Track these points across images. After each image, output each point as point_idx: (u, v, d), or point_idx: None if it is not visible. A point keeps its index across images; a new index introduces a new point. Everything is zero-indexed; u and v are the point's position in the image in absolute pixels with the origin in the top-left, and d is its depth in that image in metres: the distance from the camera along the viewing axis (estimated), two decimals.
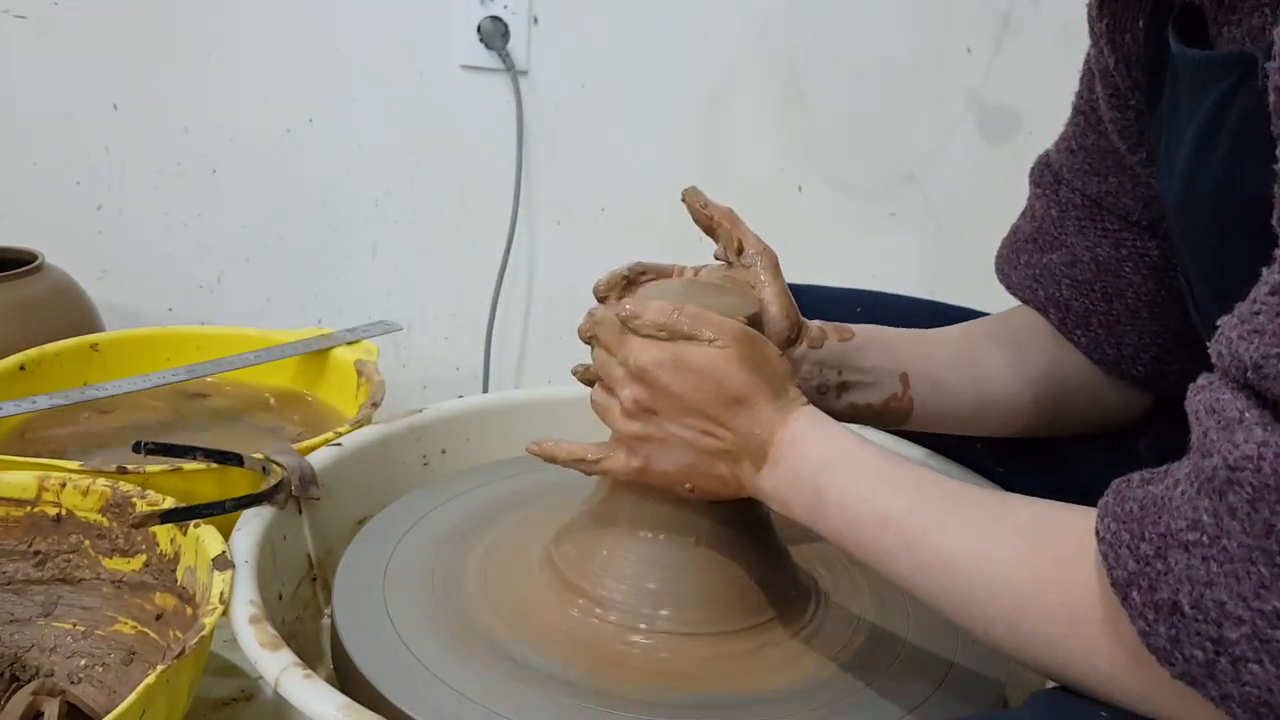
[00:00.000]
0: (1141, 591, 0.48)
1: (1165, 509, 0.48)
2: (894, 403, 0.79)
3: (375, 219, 1.54)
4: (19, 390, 1.05)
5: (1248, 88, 0.56)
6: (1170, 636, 0.47)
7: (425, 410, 0.96)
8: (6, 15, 1.46)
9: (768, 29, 1.40)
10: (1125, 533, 0.49)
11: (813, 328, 0.77)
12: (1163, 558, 0.47)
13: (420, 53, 1.46)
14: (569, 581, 0.73)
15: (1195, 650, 0.46)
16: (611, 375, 0.68)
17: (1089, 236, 0.81)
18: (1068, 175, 0.82)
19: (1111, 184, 0.80)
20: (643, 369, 0.65)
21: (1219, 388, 0.47)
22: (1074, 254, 0.82)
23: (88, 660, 0.79)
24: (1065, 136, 0.84)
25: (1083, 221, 0.82)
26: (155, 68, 1.48)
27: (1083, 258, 0.81)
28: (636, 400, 0.66)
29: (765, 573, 0.73)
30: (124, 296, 1.53)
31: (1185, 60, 0.64)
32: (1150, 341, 0.81)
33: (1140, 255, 0.80)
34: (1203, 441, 0.47)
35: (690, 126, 1.45)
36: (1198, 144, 0.61)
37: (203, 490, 0.84)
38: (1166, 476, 0.50)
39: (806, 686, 0.68)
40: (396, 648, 0.69)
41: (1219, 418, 0.46)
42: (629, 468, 0.68)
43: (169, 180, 1.53)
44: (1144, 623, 0.48)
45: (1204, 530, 0.46)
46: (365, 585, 0.75)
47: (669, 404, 0.65)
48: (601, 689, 0.66)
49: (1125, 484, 0.51)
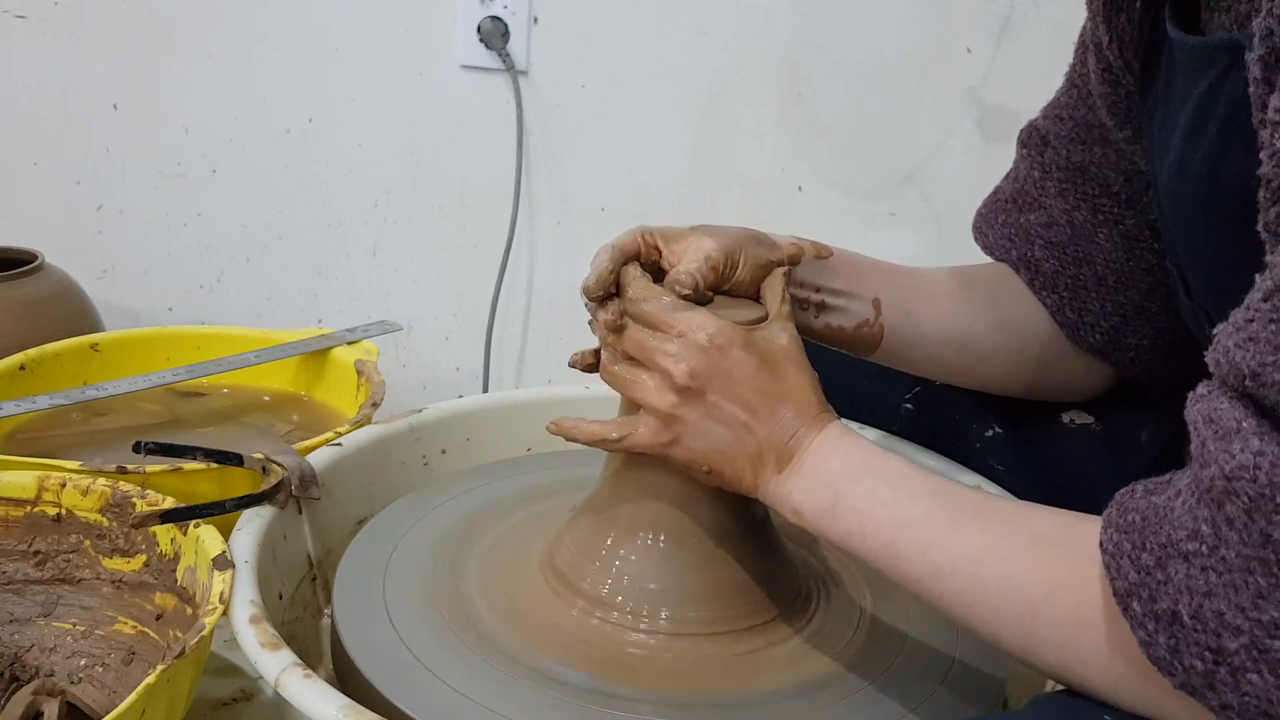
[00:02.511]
0: (1142, 601, 0.48)
1: (1166, 519, 0.48)
2: (865, 329, 0.79)
3: (375, 219, 1.54)
4: (19, 390, 1.05)
5: (1235, 77, 0.56)
6: (1170, 646, 0.47)
7: (425, 410, 0.96)
8: (6, 15, 1.46)
9: (767, 29, 1.40)
10: (1127, 543, 0.49)
11: (791, 244, 0.76)
12: (1163, 568, 0.47)
13: (420, 53, 1.46)
14: (569, 581, 0.73)
15: (1195, 660, 0.46)
16: (656, 349, 0.66)
17: (1068, 200, 0.83)
18: (1054, 141, 0.84)
19: (1095, 154, 0.82)
20: (711, 341, 0.64)
21: (1217, 397, 0.47)
22: (1051, 216, 0.84)
23: (88, 660, 0.79)
24: (1055, 104, 0.85)
25: (1064, 185, 0.84)
26: (155, 68, 1.48)
27: (1059, 220, 0.83)
28: (692, 373, 0.64)
29: (766, 572, 0.73)
30: (124, 296, 1.53)
31: (1180, 46, 0.64)
32: (1111, 310, 0.83)
33: (1115, 223, 0.82)
34: (1201, 451, 0.47)
35: (690, 126, 1.45)
36: (1189, 131, 0.61)
37: (203, 490, 0.84)
38: (1169, 487, 0.50)
39: (807, 686, 0.68)
40: (396, 648, 0.69)
41: (1216, 427, 0.46)
42: (658, 441, 0.66)
43: (169, 180, 1.53)
44: (1144, 633, 0.48)
45: (1203, 540, 0.46)
46: (365, 585, 0.75)
47: (722, 383, 0.64)
48: (602, 689, 0.67)
49: (1129, 494, 0.51)
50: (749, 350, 0.65)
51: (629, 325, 0.68)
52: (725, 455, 0.65)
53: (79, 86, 1.49)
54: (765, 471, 0.65)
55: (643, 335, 0.67)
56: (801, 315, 0.76)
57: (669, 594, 0.71)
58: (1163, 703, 0.50)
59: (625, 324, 0.68)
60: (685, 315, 0.66)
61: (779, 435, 0.64)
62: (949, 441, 0.90)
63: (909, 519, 0.60)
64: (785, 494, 0.64)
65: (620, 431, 0.68)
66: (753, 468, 0.65)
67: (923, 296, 0.82)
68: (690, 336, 0.65)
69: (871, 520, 0.61)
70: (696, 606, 0.71)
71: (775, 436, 0.64)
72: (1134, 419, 0.88)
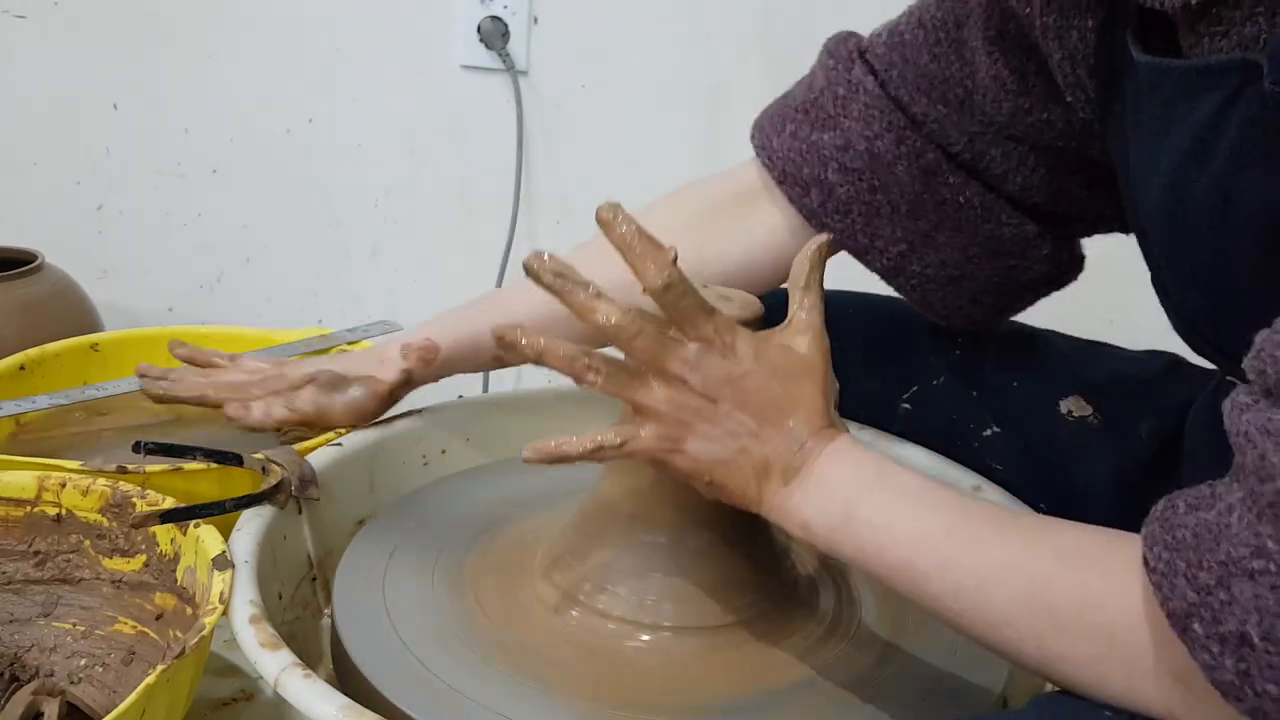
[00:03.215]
0: (1204, 623, 0.46)
1: (1223, 536, 0.46)
2: None
3: (375, 219, 1.54)
4: (19, 390, 1.05)
5: (1247, 98, 0.55)
6: (1239, 671, 0.45)
7: (425, 410, 0.96)
8: (6, 15, 1.46)
9: (768, 29, 1.40)
10: (1180, 561, 0.47)
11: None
12: (1225, 587, 0.45)
13: (420, 53, 1.46)
14: (569, 582, 0.73)
15: (1268, 685, 0.44)
16: (669, 349, 0.62)
17: (872, 127, 0.80)
18: (881, 70, 0.81)
19: (939, 112, 0.80)
20: (729, 347, 0.62)
21: (1268, 408, 0.45)
22: (848, 138, 0.81)
23: (88, 660, 0.79)
24: (897, 39, 0.82)
25: (871, 110, 0.81)
26: (155, 68, 1.48)
27: (858, 145, 0.81)
28: (707, 378, 0.62)
29: (766, 573, 0.73)
30: (124, 296, 1.53)
31: (1161, 70, 0.61)
32: (900, 238, 0.82)
33: (916, 155, 0.80)
34: (1260, 464, 0.45)
35: (690, 126, 1.45)
36: (1190, 155, 0.59)
37: (203, 490, 0.84)
38: (1216, 501, 0.48)
39: (806, 686, 0.68)
40: (396, 648, 0.69)
41: (1276, 439, 0.44)
42: (661, 447, 0.63)
43: (169, 180, 1.53)
44: (1208, 655, 0.46)
45: (1270, 557, 0.44)
46: (365, 585, 0.75)
47: (733, 392, 0.62)
48: (602, 690, 0.67)
49: (1170, 510, 0.49)
50: (762, 358, 0.62)
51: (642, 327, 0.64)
52: (729, 466, 0.63)
53: (79, 86, 1.49)
54: (770, 485, 0.63)
55: (655, 335, 0.63)
56: None
57: (669, 593, 0.71)
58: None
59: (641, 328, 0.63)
60: (710, 316, 0.62)
61: (786, 447, 0.62)
62: (948, 441, 0.90)
63: (928, 535, 0.58)
64: (792, 507, 0.62)
65: (621, 436, 0.63)
66: (757, 480, 0.63)
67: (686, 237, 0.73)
68: (709, 341, 0.62)
69: (889, 535, 0.59)
70: (697, 608, 0.71)
71: (782, 449, 0.62)
72: (1132, 410, 0.86)
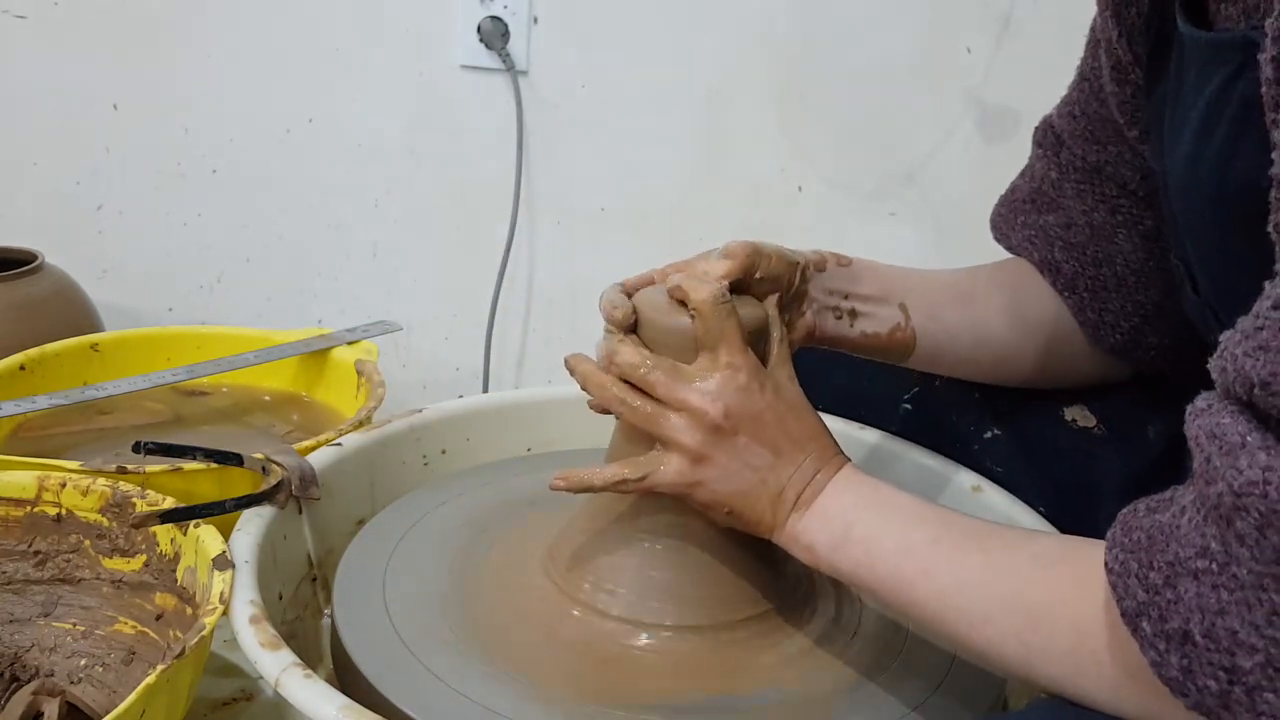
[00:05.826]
0: (1152, 621, 0.47)
1: (1173, 537, 0.47)
2: (898, 333, 0.79)
3: (375, 219, 1.54)
4: (19, 390, 1.05)
5: (1249, 75, 0.56)
6: (1183, 667, 0.46)
7: (425, 410, 0.96)
8: (6, 15, 1.46)
9: (768, 29, 1.40)
10: (1134, 562, 0.49)
11: (812, 254, 0.75)
12: (1172, 586, 0.47)
13: (420, 53, 1.46)
14: (569, 582, 0.73)
15: (1209, 680, 0.45)
16: (691, 386, 0.65)
17: (1086, 200, 0.83)
18: (1069, 140, 0.83)
19: (1111, 153, 0.81)
20: (750, 380, 0.65)
21: (1219, 411, 0.47)
22: (1070, 217, 0.83)
23: (88, 660, 0.79)
24: (1069, 100, 0.84)
25: (1081, 185, 0.83)
26: (155, 68, 1.48)
27: (1078, 221, 0.83)
28: (728, 412, 0.64)
29: (766, 575, 0.73)
30: (124, 296, 1.53)
31: (1191, 41, 0.63)
32: (1132, 311, 0.82)
33: (1134, 223, 0.82)
34: (1206, 468, 0.46)
35: (690, 126, 1.45)
36: (1200, 128, 0.61)
37: (203, 490, 0.84)
38: (1172, 504, 0.49)
39: (806, 687, 0.68)
40: (396, 648, 0.69)
41: (1221, 443, 0.46)
42: (683, 481, 0.65)
43: (169, 180, 1.53)
44: (1155, 653, 0.47)
45: (1213, 558, 0.45)
46: (365, 585, 0.75)
47: (752, 425, 0.65)
48: (602, 690, 0.67)
49: (1132, 513, 0.51)
50: (780, 392, 0.66)
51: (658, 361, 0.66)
52: (748, 498, 0.65)
53: (79, 86, 1.49)
54: (783, 514, 0.66)
55: (670, 370, 0.65)
56: (836, 325, 0.76)
57: (670, 595, 0.71)
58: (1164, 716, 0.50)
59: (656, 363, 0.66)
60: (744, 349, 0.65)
61: (801, 479, 0.65)
62: (948, 442, 0.90)
63: (914, 545, 0.61)
64: (800, 532, 0.65)
65: (642, 470, 0.66)
66: (773, 510, 0.66)
67: (947, 300, 0.82)
68: (736, 369, 0.64)
69: (879, 548, 0.62)
70: (697, 608, 0.71)
71: (797, 481, 0.65)
72: (1139, 415, 0.87)
